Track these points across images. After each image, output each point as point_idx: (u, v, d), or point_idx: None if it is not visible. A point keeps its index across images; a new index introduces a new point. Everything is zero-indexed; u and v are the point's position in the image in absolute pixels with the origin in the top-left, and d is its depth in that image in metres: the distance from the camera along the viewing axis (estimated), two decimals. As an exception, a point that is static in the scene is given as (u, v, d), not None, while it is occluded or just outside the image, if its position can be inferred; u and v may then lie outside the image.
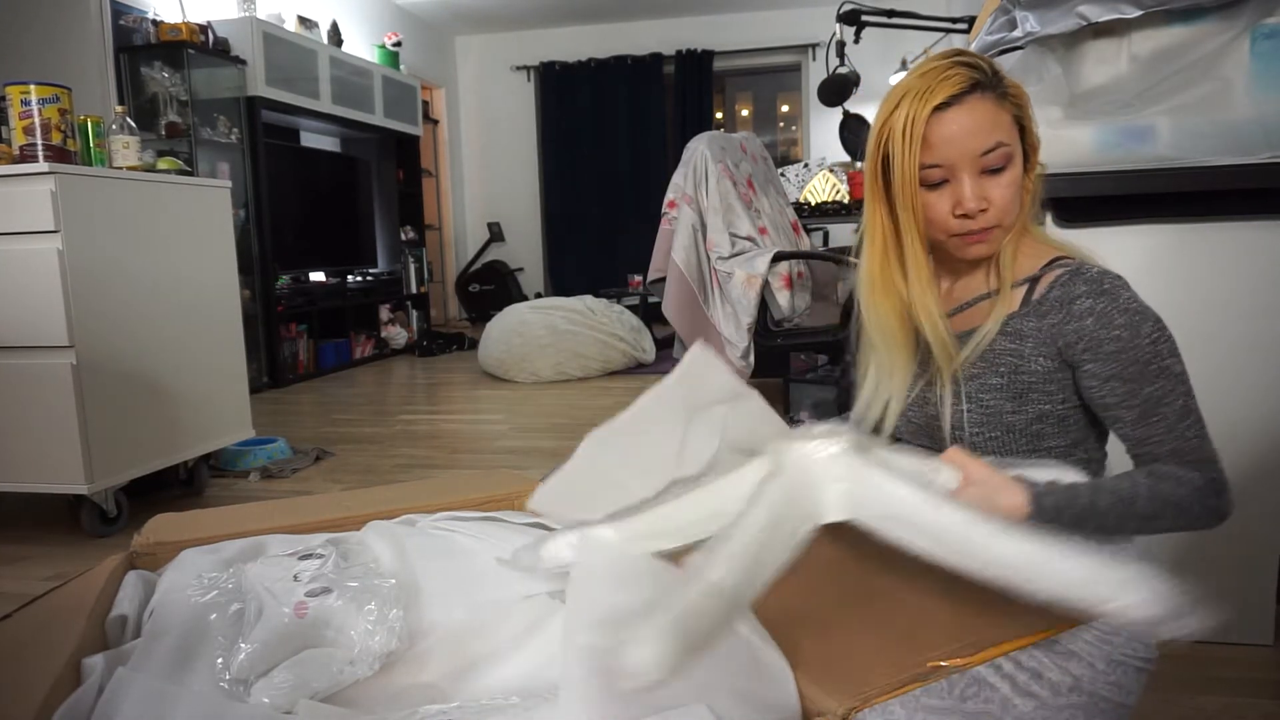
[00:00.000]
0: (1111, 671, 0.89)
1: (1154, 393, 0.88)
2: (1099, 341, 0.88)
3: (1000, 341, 0.93)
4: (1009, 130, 0.91)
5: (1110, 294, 0.89)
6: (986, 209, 0.91)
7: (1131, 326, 0.87)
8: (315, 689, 0.78)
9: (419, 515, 1.19)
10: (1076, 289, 0.90)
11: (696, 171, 3.08)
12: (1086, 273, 0.91)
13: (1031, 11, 1.46)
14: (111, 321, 2.33)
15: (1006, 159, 0.90)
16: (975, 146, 0.89)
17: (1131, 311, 0.88)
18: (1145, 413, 0.88)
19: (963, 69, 0.90)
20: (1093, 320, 0.88)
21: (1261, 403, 1.45)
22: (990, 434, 0.94)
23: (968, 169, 0.90)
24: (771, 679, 0.73)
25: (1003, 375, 0.93)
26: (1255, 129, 1.36)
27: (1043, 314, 0.92)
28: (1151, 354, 0.87)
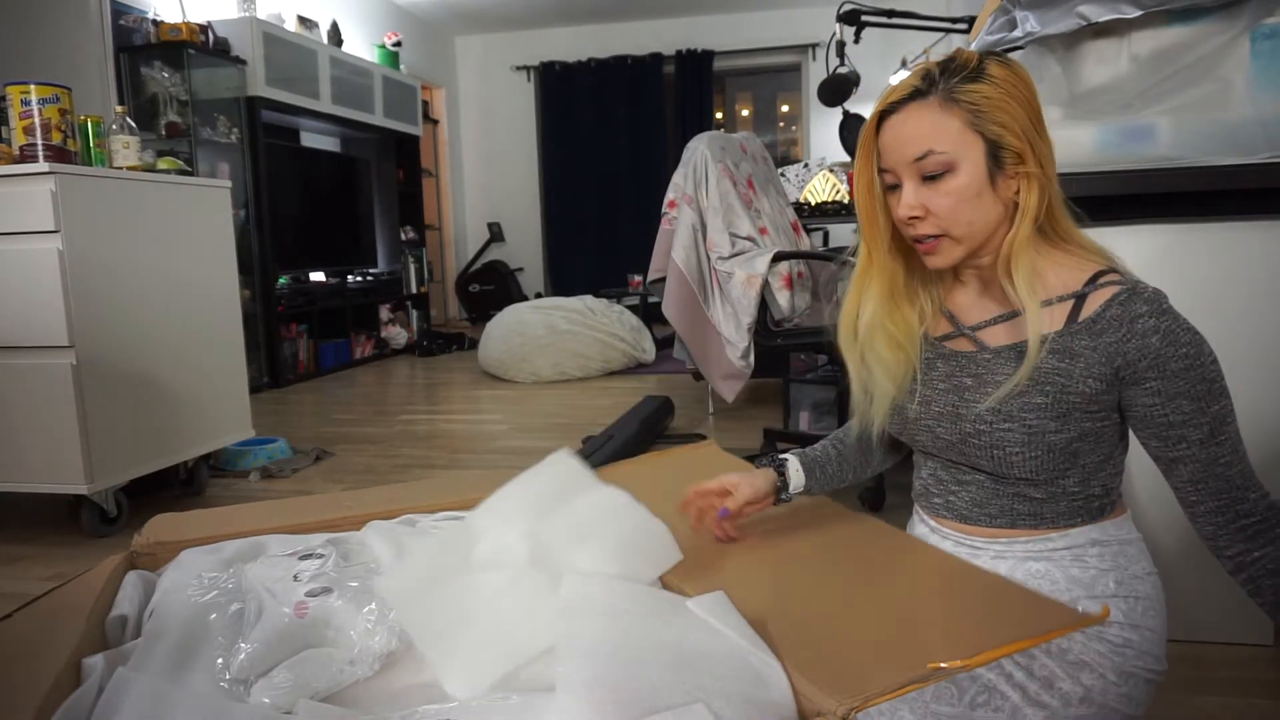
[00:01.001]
0: (1123, 683, 0.88)
1: (1220, 411, 0.87)
2: (1165, 359, 0.85)
3: (1048, 360, 0.89)
4: (954, 137, 0.87)
5: (1171, 315, 0.87)
6: (922, 216, 0.90)
7: (1195, 345, 0.86)
8: (315, 689, 0.78)
9: (419, 515, 1.19)
10: (1138, 308, 0.86)
11: (696, 171, 3.08)
12: (1144, 292, 0.88)
13: (1031, 11, 1.46)
14: (111, 321, 2.33)
15: (945, 166, 0.87)
16: (908, 153, 0.88)
17: (1192, 332, 0.87)
18: (1214, 431, 0.87)
19: (912, 78, 0.90)
20: (1158, 339, 0.85)
21: (1262, 402, 1.45)
22: (1032, 454, 0.90)
23: (908, 175, 0.90)
24: (767, 681, 0.73)
25: (1048, 395, 0.89)
26: (1255, 129, 1.36)
27: (1098, 333, 0.87)
28: (1215, 373, 0.86)
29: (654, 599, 0.86)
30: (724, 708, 0.69)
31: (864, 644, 0.78)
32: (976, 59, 0.88)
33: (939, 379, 0.98)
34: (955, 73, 0.87)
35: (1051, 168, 0.90)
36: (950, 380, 0.97)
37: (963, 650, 0.73)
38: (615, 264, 7.33)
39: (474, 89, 7.85)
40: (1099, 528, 0.94)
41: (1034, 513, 0.94)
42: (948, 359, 0.99)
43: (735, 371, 2.98)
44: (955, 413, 0.95)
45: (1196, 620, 1.52)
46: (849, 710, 0.67)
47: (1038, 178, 0.89)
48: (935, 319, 1.02)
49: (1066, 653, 0.87)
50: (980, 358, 0.96)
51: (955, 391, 0.96)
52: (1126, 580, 0.91)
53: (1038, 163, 0.89)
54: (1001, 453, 0.91)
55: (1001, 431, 0.91)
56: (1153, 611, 0.91)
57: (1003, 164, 0.88)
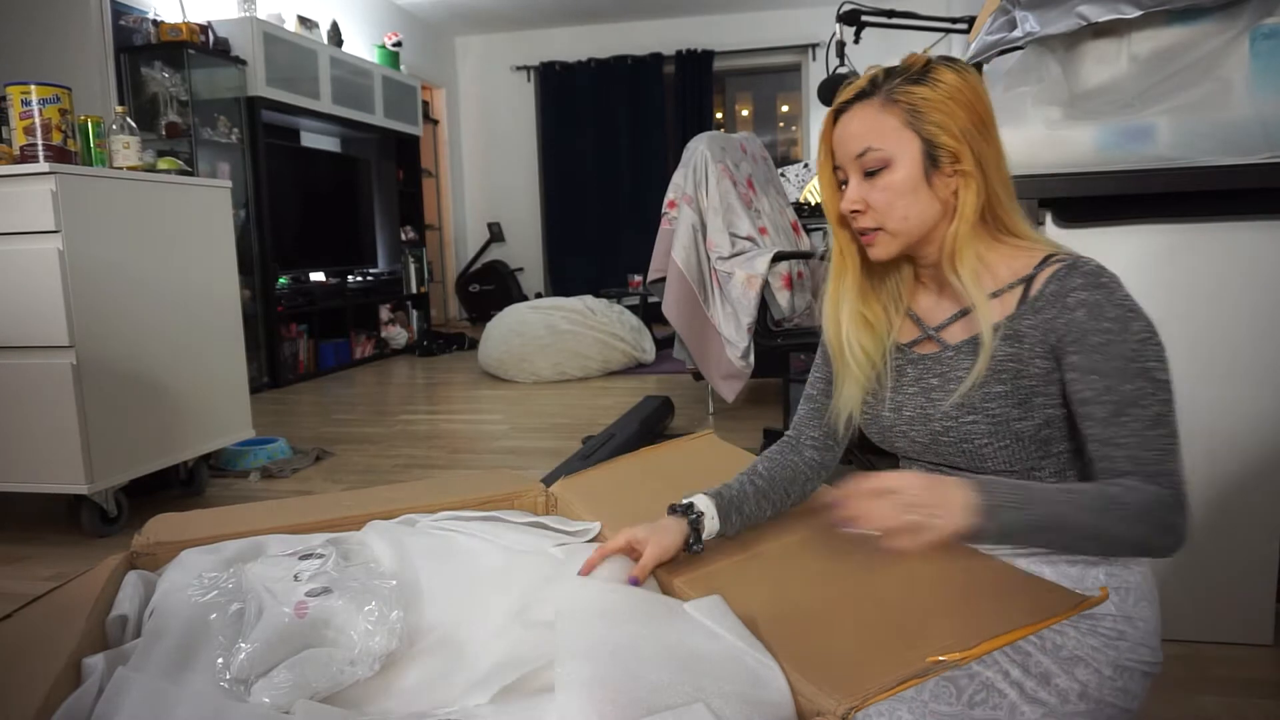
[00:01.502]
0: (1118, 677, 0.88)
1: (1131, 392, 0.85)
2: (1086, 333, 0.86)
3: (1001, 347, 0.92)
4: (890, 135, 0.92)
5: (1107, 288, 0.87)
6: (862, 210, 0.95)
7: (1122, 321, 0.86)
8: (315, 689, 0.78)
9: (419, 515, 1.19)
10: (1073, 281, 0.88)
11: (696, 171, 3.08)
12: (1084, 266, 0.89)
13: (1031, 11, 1.46)
14: (111, 321, 2.33)
15: (881, 163, 0.92)
16: (851, 150, 0.94)
17: (1125, 308, 0.86)
18: (1117, 411, 0.85)
19: (862, 80, 0.95)
20: (1084, 312, 0.86)
21: (1261, 402, 1.45)
22: (1001, 444, 0.93)
23: (852, 171, 0.95)
24: (765, 681, 0.73)
25: (1005, 383, 0.92)
26: (1255, 129, 1.35)
27: (1038, 310, 0.90)
28: (1136, 352, 0.85)
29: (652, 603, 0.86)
30: (723, 708, 0.70)
31: (862, 640, 0.78)
32: (924, 63, 0.93)
33: (909, 383, 1.02)
34: (899, 75, 0.93)
35: (996, 169, 0.93)
36: (919, 383, 1.00)
37: (962, 642, 0.73)
38: (615, 264, 7.33)
39: (474, 89, 7.85)
40: None
41: None
42: (915, 363, 1.02)
43: (735, 371, 2.98)
44: (924, 414, 0.98)
45: (1196, 620, 1.52)
46: (849, 710, 0.67)
47: (975, 178, 0.92)
48: (902, 324, 1.05)
49: (1061, 649, 0.87)
50: (943, 357, 0.99)
51: (923, 393, 0.99)
52: (1116, 572, 0.92)
53: (976, 164, 0.92)
54: (971, 446, 0.94)
55: (968, 425, 0.93)
56: (1145, 602, 0.92)
57: (939, 163, 0.92)
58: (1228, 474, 1.48)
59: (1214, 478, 1.49)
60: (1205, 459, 1.48)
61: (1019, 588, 0.84)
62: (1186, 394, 1.47)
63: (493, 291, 7.20)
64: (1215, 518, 1.49)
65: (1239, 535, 1.49)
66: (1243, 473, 1.47)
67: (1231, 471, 1.48)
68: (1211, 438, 1.48)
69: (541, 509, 1.30)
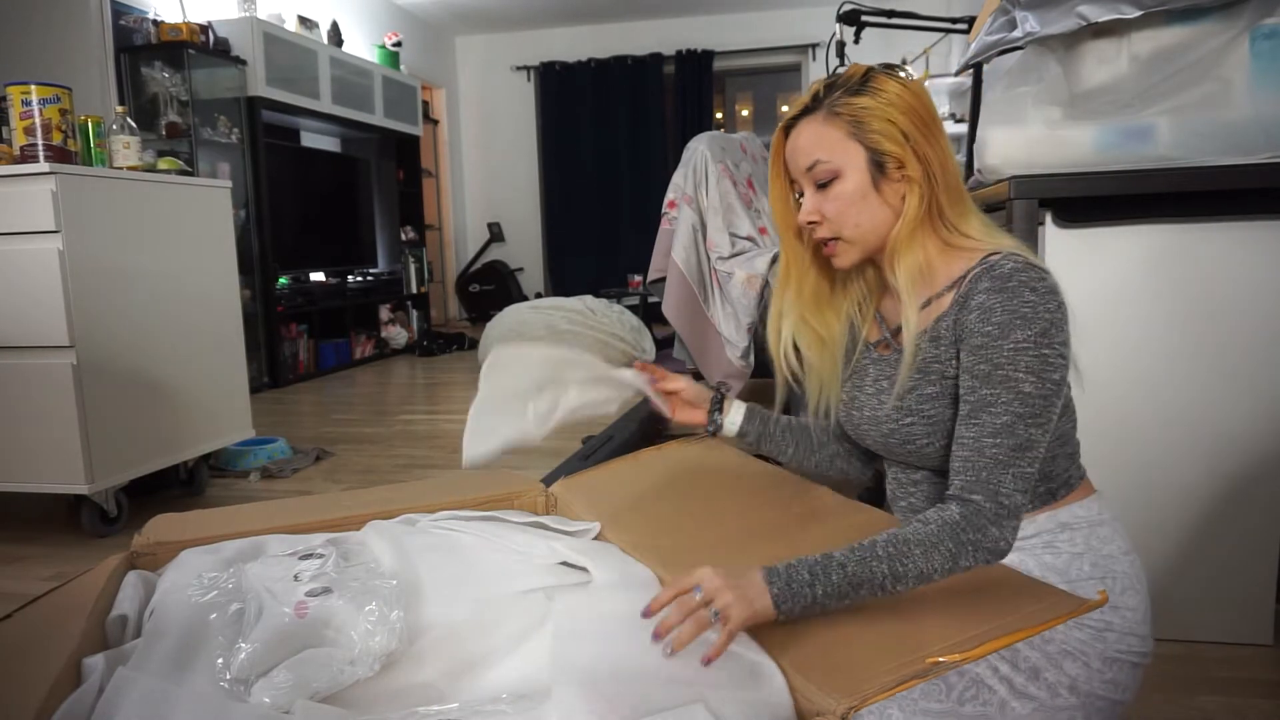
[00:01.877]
0: (1107, 669, 0.89)
1: (986, 397, 0.85)
2: (972, 334, 0.88)
3: (928, 349, 0.93)
4: (836, 147, 0.93)
5: (1010, 291, 0.86)
6: (818, 221, 0.97)
7: (1004, 328, 0.85)
8: (315, 689, 0.78)
9: (419, 515, 1.19)
10: (981, 284, 0.88)
11: (696, 171, 3.08)
12: (999, 268, 0.88)
13: (1031, 11, 1.46)
14: (111, 321, 2.33)
15: (831, 174, 0.94)
16: (801, 164, 0.96)
17: (1014, 314, 0.85)
18: (971, 412, 0.86)
19: (809, 94, 0.97)
20: (977, 314, 0.87)
21: (1260, 402, 1.45)
22: (940, 443, 0.93)
23: (806, 184, 0.97)
24: (763, 680, 0.73)
25: (934, 384, 0.93)
26: (1255, 129, 1.35)
27: (953, 313, 0.92)
28: (1006, 360, 0.85)
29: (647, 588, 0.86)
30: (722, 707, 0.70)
31: (861, 639, 0.78)
32: (863, 73, 0.95)
33: (869, 384, 1.04)
34: (839, 87, 0.95)
35: (942, 172, 0.93)
36: (876, 384, 1.03)
37: (961, 643, 0.73)
38: (615, 264, 7.33)
39: (474, 89, 7.85)
40: (1066, 510, 0.96)
41: None
42: (876, 363, 1.04)
43: (735, 371, 2.98)
44: (875, 415, 1.01)
45: (1196, 620, 1.52)
46: (848, 710, 0.67)
47: (919, 182, 0.93)
48: (869, 324, 1.07)
49: (1049, 643, 0.87)
50: (892, 358, 1.01)
51: (877, 395, 1.02)
52: (1101, 561, 0.92)
53: (921, 168, 0.93)
54: (914, 446, 0.96)
55: (907, 426, 0.96)
56: (1131, 590, 0.92)
57: (885, 170, 0.94)
58: (1228, 474, 1.48)
59: (1214, 478, 1.49)
60: (1205, 459, 1.48)
61: (1017, 590, 0.84)
62: (1186, 393, 1.48)
63: (493, 291, 7.20)
64: (1215, 518, 1.49)
65: (1239, 535, 1.49)
66: (1243, 473, 1.47)
67: (1231, 471, 1.48)
68: (1211, 438, 1.48)
69: (541, 509, 1.30)
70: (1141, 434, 1.50)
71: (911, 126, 0.92)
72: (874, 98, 0.92)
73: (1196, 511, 1.50)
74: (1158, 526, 1.51)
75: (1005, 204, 1.46)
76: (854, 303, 1.07)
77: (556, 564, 1.04)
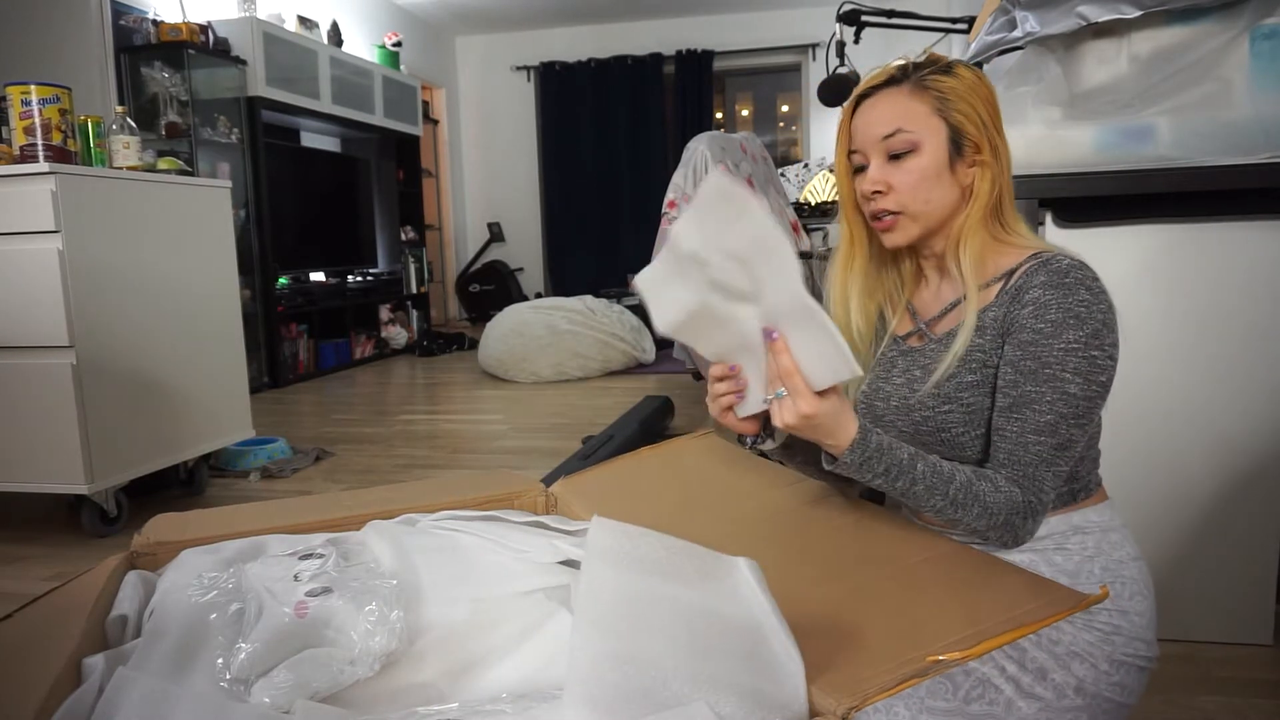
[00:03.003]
0: (1115, 672, 0.89)
1: (1031, 394, 0.87)
2: (1022, 328, 0.88)
3: (973, 338, 0.94)
4: (921, 120, 0.93)
5: (1066, 288, 0.87)
6: (885, 192, 0.95)
7: (1057, 326, 0.87)
8: (315, 689, 0.78)
9: (419, 515, 1.19)
10: (1037, 278, 0.89)
11: (696, 171, 3.09)
12: (1056, 263, 0.90)
13: (1031, 11, 1.46)
14: (111, 321, 2.33)
15: (910, 145, 0.93)
16: (877, 131, 0.95)
17: (1069, 312, 0.87)
18: (1013, 406, 0.88)
19: (890, 67, 0.97)
20: (1030, 310, 0.88)
21: (1260, 402, 1.45)
22: (975, 432, 0.94)
23: (874, 154, 0.96)
24: (779, 675, 0.73)
25: (975, 373, 0.94)
26: (1255, 129, 1.36)
27: (1003, 304, 0.92)
28: (1055, 360, 0.86)
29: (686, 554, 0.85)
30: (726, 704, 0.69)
31: (862, 639, 0.78)
32: (947, 61, 0.97)
33: (897, 374, 1.04)
34: (927, 66, 0.95)
35: (1007, 166, 0.96)
36: (906, 374, 1.02)
37: (962, 641, 0.73)
38: (615, 264, 7.33)
39: (474, 89, 7.85)
40: (1079, 514, 0.96)
41: None
42: (905, 355, 1.04)
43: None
44: (906, 403, 1.00)
45: (1196, 620, 1.52)
46: (849, 710, 0.67)
47: (991, 168, 0.95)
48: (900, 317, 1.07)
49: (1057, 644, 0.87)
50: (927, 349, 1.01)
51: (907, 385, 1.01)
52: (1111, 566, 0.93)
53: (993, 155, 0.95)
54: (949, 435, 0.96)
55: (943, 414, 0.95)
56: (1139, 595, 0.92)
57: (962, 151, 0.95)
58: (1227, 474, 1.48)
59: (1214, 478, 1.49)
60: (1205, 459, 1.48)
61: (1019, 586, 0.84)
62: (1186, 393, 1.48)
63: (493, 291, 7.20)
64: (1215, 518, 1.49)
65: (1239, 535, 1.49)
66: (1242, 473, 1.47)
67: (1231, 471, 1.48)
68: (1211, 438, 1.48)
69: (541, 509, 1.30)
70: (1142, 434, 1.50)
71: (989, 116, 0.94)
72: (959, 81, 0.94)
73: (1196, 511, 1.50)
74: (1158, 526, 1.51)
75: (1005, 204, 1.46)
76: (886, 293, 1.08)
77: (557, 563, 1.04)
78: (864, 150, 0.97)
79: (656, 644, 0.72)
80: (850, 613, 0.83)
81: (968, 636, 0.74)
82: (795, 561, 0.99)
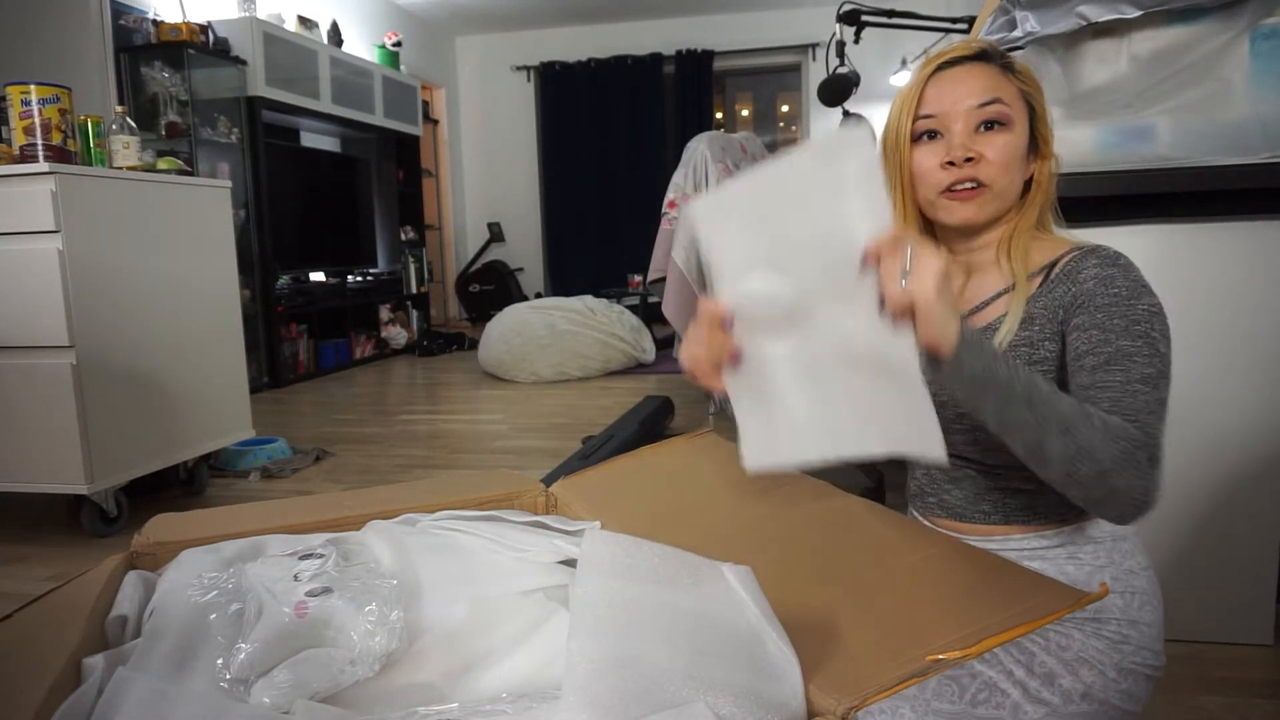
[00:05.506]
0: (1123, 680, 0.88)
1: (1128, 348, 0.81)
2: (1094, 296, 0.84)
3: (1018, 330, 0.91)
4: (1013, 99, 0.90)
5: (1124, 268, 0.86)
6: (976, 159, 0.89)
7: (1132, 291, 0.84)
8: (315, 689, 0.78)
9: (419, 515, 1.19)
10: (1088, 262, 0.87)
11: (696, 171, 3.09)
12: (1102, 250, 0.88)
13: (1031, 11, 1.46)
14: (111, 321, 2.33)
15: (1006, 118, 0.89)
16: (971, 100, 0.89)
17: (1137, 283, 0.85)
18: (1108, 361, 0.81)
19: (971, 43, 0.93)
20: (1095, 283, 0.85)
21: (1261, 402, 1.45)
22: None
23: (962, 121, 0.89)
24: (776, 675, 0.73)
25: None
26: (1255, 129, 1.36)
27: (1049, 291, 0.89)
28: (1143, 318, 0.82)
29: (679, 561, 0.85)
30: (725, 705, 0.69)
31: (861, 639, 0.78)
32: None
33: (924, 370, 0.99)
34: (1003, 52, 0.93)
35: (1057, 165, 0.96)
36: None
37: (963, 639, 0.73)
38: (615, 264, 7.33)
39: (474, 89, 7.85)
40: (1093, 524, 0.95)
41: (1027, 506, 0.95)
42: None
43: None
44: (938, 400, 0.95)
45: (1196, 620, 1.52)
46: (848, 710, 0.67)
47: (1049, 165, 0.94)
48: None
49: (1066, 650, 0.87)
50: None
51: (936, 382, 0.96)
52: (1121, 575, 0.92)
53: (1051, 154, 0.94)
54: (985, 434, 0.91)
55: None
56: (1149, 606, 0.92)
57: (1035, 143, 0.93)
58: (1228, 474, 1.48)
59: (1214, 477, 1.49)
60: (1205, 458, 1.48)
61: (1020, 585, 0.84)
62: (1187, 393, 1.48)
63: (493, 291, 7.20)
64: (1215, 518, 1.49)
65: (1239, 535, 1.49)
66: (1243, 472, 1.47)
67: (1231, 471, 1.48)
68: (1212, 437, 1.48)
69: (541, 509, 1.30)
70: (1141, 434, 1.50)
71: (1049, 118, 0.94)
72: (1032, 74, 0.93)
73: (1196, 511, 1.50)
74: (1158, 526, 1.51)
75: (1005, 204, 1.46)
76: None
77: (557, 563, 1.04)
78: (947, 115, 0.90)
79: (653, 647, 0.72)
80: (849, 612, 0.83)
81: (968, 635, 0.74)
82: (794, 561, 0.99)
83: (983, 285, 0.98)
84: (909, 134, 0.92)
